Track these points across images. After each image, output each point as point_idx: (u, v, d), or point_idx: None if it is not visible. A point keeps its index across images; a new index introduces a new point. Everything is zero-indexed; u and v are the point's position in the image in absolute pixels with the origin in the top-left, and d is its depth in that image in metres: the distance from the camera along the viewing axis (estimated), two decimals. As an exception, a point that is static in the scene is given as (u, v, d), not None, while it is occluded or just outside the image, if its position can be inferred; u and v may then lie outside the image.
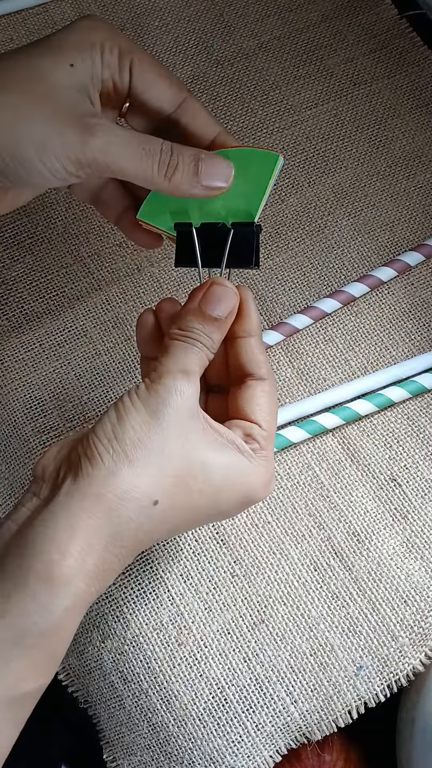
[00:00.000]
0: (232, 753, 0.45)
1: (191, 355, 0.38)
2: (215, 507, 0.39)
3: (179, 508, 0.38)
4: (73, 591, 0.35)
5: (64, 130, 0.37)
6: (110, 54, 0.40)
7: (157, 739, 0.45)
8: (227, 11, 0.64)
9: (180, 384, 0.37)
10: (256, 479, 0.39)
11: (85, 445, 0.37)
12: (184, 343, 0.39)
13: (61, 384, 0.53)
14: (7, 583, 0.34)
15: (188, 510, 0.38)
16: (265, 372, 0.41)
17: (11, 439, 0.51)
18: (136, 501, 0.36)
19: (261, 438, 0.40)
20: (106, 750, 0.47)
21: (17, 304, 0.55)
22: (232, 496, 0.39)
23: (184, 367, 0.38)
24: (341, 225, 0.57)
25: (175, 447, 0.37)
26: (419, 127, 0.61)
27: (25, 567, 0.34)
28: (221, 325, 0.40)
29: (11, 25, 0.63)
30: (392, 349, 0.54)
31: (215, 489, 0.38)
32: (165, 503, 0.37)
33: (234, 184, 0.41)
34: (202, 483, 0.38)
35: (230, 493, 0.39)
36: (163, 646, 0.46)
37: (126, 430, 0.36)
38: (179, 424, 0.37)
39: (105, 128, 0.38)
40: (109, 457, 0.36)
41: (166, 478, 0.37)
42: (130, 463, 0.36)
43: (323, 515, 0.49)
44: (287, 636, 0.46)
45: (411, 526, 0.49)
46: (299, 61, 0.63)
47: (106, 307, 0.55)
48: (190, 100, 0.42)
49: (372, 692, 0.45)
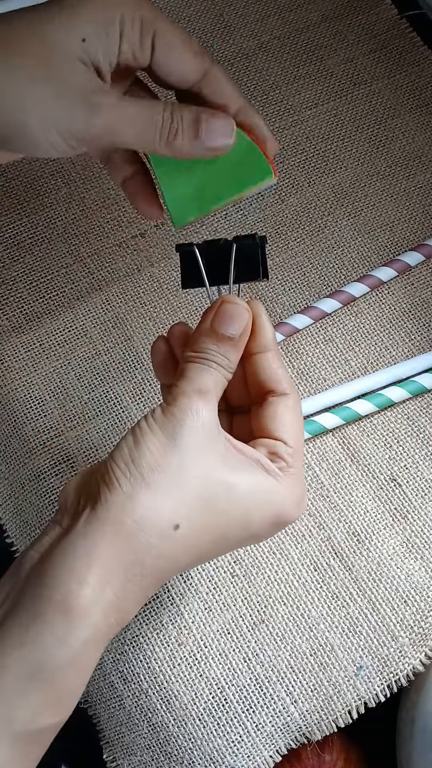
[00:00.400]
0: (232, 753, 0.45)
1: (207, 376, 0.37)
2: (246, 530, 0.37)
3: (204, 533, 0.36)
4: (92, 622, 0.33)
5: (69, 106, 0.37)
6: (131, 27, 0.38)
7: (157, 739, 0.45)
8: (227, 11, 0.64)
9: (196, 405, 0.36)
10: (286, 498, 0.38)
11: (104, 471, 0.36)
12: (199, 364, 0.38)
13: (61, 384, 0.53)
14: (26, 615, 0.33)
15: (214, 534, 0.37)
16: (286, 386, 0.40)
17: (11, 439, 0.51)
18: (155, 526, 0.35)
19: (287, 455, 0.38)
20: (106, 750, 0.47)
21: (17, 304, 0.55)
22: (264, 518, 0.37)
23: (199, 387, 0.37)
24: (341, 225, 0.57)
25: (195, 469, 0.36)
26: (419, 127, 0.61)
27: (44, 598, 0.33)
28: (236, 343, 0.39)
29: (11, 25, 0.63)
30: (392, 349, 0.54)
31: (243, 511, 0.37)
32: (187, 527, 0.35)
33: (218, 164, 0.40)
34: (227, 505, 0.36)
35: (260, 515, 0.37)
36: (163, 646, 0.46)
37: (143, 453, 0.35)
38: (197, 445, 0.36)
39: (110, 106, 0.38)
40: (126, 481, 0.35)
41: (187, 501, 0.35)
42: (148, 487, 0.35)
43: (323, 515, 0.49)
44: (287, 636, 0.46)
45: (411, 526, 0.49)
46: (299, 61, 0.63)
47: (106, 307, 0.55)
48: (214, 70, 0.41)
49: (372, 692, 0.45)
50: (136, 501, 0.35)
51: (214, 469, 0.36)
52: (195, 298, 0.55)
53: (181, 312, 0.55)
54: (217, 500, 0.36)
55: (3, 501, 0.51)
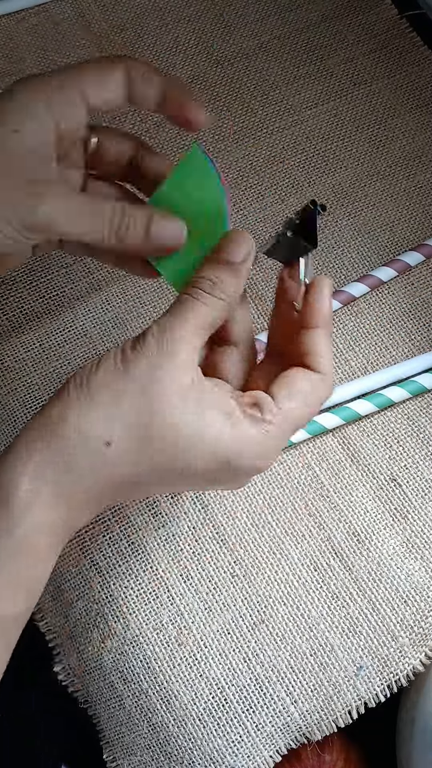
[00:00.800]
0: (232, 753, 0.45)
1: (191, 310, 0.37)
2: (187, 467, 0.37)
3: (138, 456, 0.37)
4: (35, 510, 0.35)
5: (13, 196, 0.38)
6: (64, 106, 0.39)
7: (157, 739, 0.45)
8: (227, 11, 0.64)
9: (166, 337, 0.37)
10: (242, 446, 0.37)
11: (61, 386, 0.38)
12: (189, 296, 0.38)
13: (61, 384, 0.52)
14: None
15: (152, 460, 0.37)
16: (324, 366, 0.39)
17: (11, 439, 0.51)
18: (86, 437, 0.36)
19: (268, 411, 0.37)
20: (106, 750, 0.47)
21: (17, 304, 0.55)
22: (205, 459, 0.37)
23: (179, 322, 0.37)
24: (341, 225, 0.57)
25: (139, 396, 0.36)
26: (419, 127, 0.61)
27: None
28: (235, 270, 0.38)
29: (11, 25, 0.63)
30: (392, 349, 0.54)
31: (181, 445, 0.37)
32: (119, 446, 0.36)
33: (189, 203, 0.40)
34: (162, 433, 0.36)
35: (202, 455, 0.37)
36: (163, 646, 0.46)
37: (98, 371, 0.37)
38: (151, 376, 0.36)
39: (54, 194, 0.38)
40: (74, 391, 0.37)
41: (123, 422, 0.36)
42: (90, 400, 0.36)
43: (323, 515, 0.49)
44: (287, 636, 0.46)
45: (411, 526, 0.49)
46: (299, 61, 0.63)
47: (106, 307, 0.55)
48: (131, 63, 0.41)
49: (372, 692, 0.45)
50: (73, 409, 0.36)
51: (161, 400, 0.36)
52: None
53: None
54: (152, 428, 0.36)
55: (3, 501, 0.51)
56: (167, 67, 0.62)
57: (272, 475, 0.50)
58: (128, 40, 0.62)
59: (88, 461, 0.36)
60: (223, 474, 0.38)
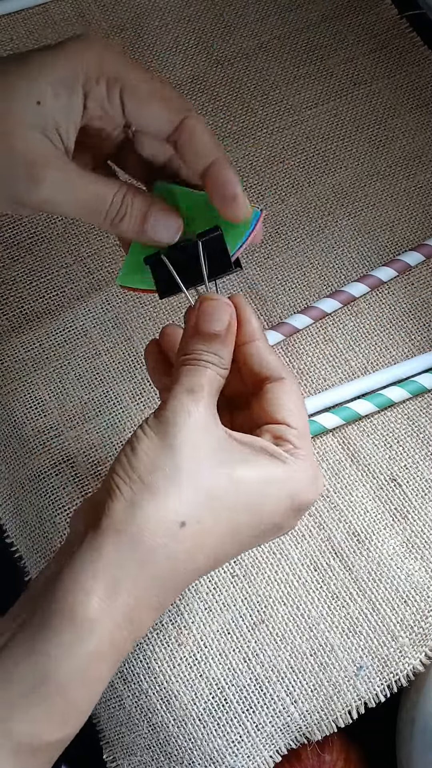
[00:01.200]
0: (232, 753, 0.45)
1: (198, 376, 0.37)
2: (261, 521, 0.37)
3: (213, 529, 0.35)
4: (101, 632, 0.33)
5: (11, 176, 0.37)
6: (96, 85, 0.37)
7: (157, 739, 0.45)
8: (227, 11, 0.64)
9: (188, 405, 0.36)
10: (299, 480, 0.37)
11: (106, 483, 0.36)
12: (190, 366, 0.37)
13: (61, 384, 0.53)
14: (35, 627, 0.33)
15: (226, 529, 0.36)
16: (281, 372, 0.40)
17: (11, 439, 0.52)
18: (160, 526, 0.34)
19: (293, 437, 0.38)
20: (106, 750, 0.47)
21: (17, 304, 0.55)
22: (279, 506, 0.37)
23: (191, 387, 0.37)
24: (341, 225, 0.57)
25: (194, 466, 0.35)
26: (419, 127, 0.61)
27: (52, 609, 0.33)
28: (224, 339, 0.38)
29: (11, 25, 0.63)
30: (392, 349, 0.54)
31: (254, 502, 0.36)
32: (193, 525, 0.35)
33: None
34: (234, 497, 0.36)
35: (275, 503, 0.37)
36: (163, 646, 0.46)
37: (140, 458, 0.35)
38: (194, 443, 0.35)
39: (53, 178, 0.37)
40: (127, 487, 0.35)
41: (190, 499, 0.35)
42: (149, 490, 0.34)
43: (323, 515, 0.49)
44: (287, 636, 0.46)
45: (411, 526, 0.49)
46: (299, 61, 0.63)
47: (106, 307, 0.55)
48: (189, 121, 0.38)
49: (372, 692, 0.45)
50: (137, 505, 0.34)
51: (214, 464, 0.36)
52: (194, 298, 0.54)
53: (180, 312, 0.55)
54: (222, 494, 0.35)
55: (3, 501, 0.51)
56: (167, 67, 0.62)
57: (272, 475, 0.50)
58: (128, 40, 0.63)
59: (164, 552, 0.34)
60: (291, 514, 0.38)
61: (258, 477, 0.36)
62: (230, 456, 0.36)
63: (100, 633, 0.33)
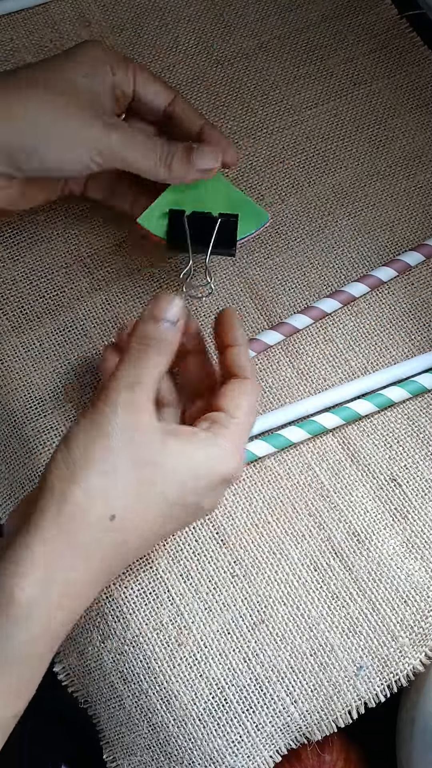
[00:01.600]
0: (232, 753, 0.45)
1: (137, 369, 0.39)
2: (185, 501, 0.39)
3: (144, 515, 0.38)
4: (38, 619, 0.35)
5: (91, 123, 0.45)
6: (117, 67, 0.48)
7: (157, 739, 0.45)
8: (227, 11, 0.64)
9: (125, 398, 0.38)
10: (218, 456, 0.40)
11: (41, 481, 0.38)
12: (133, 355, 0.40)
13: (61, 384, 0.53)
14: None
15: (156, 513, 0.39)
16: (248, 373, 0.43)
17: (11, 439, 0.52)
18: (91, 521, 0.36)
19: (223, 420, 0.41)
20: (106, 750, 0.47)
21: (17, 304, 0.55)
22: (199, 483, 0.39)
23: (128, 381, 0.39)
24: (341, 225, 0.57)
25: (125, 460, 0.37)
26: (419, 127, 0.61)
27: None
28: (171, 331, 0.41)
29: (11, 25, 0.63)
30: (392, 349, 0.54)
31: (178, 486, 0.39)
32: (124, 516, 0.37)
33: None
34: (162, 485, 0.38)
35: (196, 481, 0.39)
36: (163, 646, 0.46)
37: (73, 454, 0.37)
38: (126, 439, 0.37)
39: (122, 126, 0.46)
40: (59, 484, 0.37)
41: (120, 491, 0.37)
42: (78, 484, 0.37)
43: (323, 515, 0.49)
44: (287, 636, 0.46)
45: (411, 526, 0.49)
46: (299, 61, 0.63)
47: (106, 307, 0.55)
48: (178, 98, 0.50)
49: (372, 692, 0.45)
50: (69, 501, 0.36)
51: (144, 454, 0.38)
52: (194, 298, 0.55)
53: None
54: (152, 485, 0.38)
55: (3, 501, 0.51)
56: (167, 67, 0.62)
57: (272, 475, 0.50)
58: (128, 40, 0.62)
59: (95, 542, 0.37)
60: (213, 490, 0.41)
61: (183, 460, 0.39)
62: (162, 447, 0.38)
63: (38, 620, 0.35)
